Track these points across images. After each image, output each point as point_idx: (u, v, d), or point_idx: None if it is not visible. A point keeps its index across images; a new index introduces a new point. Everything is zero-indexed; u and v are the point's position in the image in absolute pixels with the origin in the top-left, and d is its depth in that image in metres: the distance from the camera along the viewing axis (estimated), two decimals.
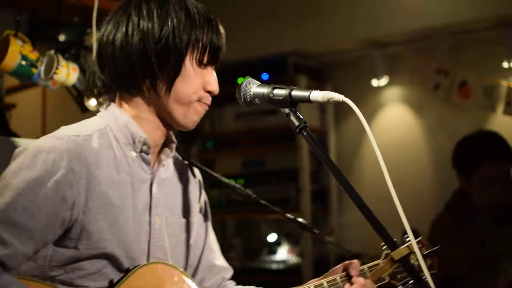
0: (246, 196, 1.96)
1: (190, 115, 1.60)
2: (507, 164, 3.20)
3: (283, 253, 5.35)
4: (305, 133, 1.45)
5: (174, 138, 1.70)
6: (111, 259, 1.49)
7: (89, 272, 1.48)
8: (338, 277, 1.73)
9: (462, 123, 4.56)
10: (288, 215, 2.03)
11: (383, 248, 1.76)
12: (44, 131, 5.50)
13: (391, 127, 5.21)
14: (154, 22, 1.53)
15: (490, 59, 4.76)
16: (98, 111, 1.65)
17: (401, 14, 4.73)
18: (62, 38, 2.81)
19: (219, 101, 1.66)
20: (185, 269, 1.73)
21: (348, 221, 5.19)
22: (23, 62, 2.53)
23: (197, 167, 1.86)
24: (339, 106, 5.26)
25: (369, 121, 1.32)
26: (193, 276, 1.79)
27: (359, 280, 1.73)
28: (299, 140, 5.10)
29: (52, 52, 2.66)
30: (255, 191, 2.04)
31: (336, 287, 1.73)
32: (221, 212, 5.26)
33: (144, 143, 1.58)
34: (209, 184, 1.93)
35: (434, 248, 1.82)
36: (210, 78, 1.61)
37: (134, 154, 1.58)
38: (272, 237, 5.43)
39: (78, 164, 1.45)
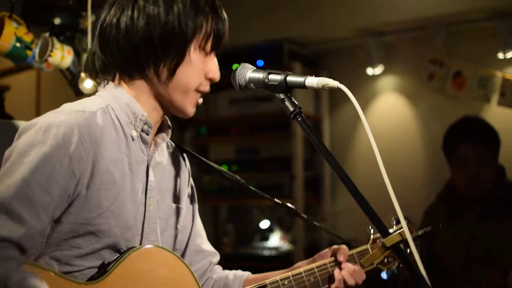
0: (235, 182, 1.97)
1: (188, 103, 1.61)
2: (480, 144, 3.24)
3: (276, 240, 5.37)
4: (299, 118, 1.46)
5: (169, 123, 1.70)
6: (107, 237, 1.48)
7: (85, 252, 1.47)
8: (327, 262, 1.75)
9: (456, 113, 4.54)
10: (277, 200, 2.05)
11: (370, 232, 1.77)
12: (38, 114, 5.47)
13: (385, 116, 5.21)
14: (160, 6, 1.52)
15: (485, 50, 4.75)
16: (93, 93, 1.65)
17: (397, 3, 4.72)
18: (57, 21, 2.80)
19: (213, 87, 1.66)
20: None
21: (341, 208, 5.21)
22: (18, 44, 2.52)
23: (188, 153, 1.87)
24: (334, 94, 5.27)
25: (363, 110, 1.32)
26: None
27: (348, 266, 1.75)
28: (293, 128, 5.10)
29: (47, 34, 2.65)
30: (248, 178, 2.05)
31: (325, 272, 1.75)
32: (214, 198, 5.27)
33: (145, 123, 1.58)
34: (202, 170, 1.94)
35: (422, 231, 1.84)
36: (212, 66, 1.62)
37: (135, 133, 1.58)
38: (264, 224, 5.45)
39: (88, 138, 1.44)
